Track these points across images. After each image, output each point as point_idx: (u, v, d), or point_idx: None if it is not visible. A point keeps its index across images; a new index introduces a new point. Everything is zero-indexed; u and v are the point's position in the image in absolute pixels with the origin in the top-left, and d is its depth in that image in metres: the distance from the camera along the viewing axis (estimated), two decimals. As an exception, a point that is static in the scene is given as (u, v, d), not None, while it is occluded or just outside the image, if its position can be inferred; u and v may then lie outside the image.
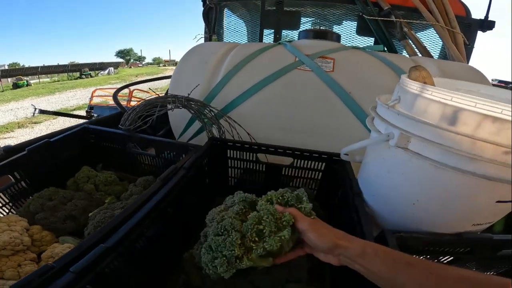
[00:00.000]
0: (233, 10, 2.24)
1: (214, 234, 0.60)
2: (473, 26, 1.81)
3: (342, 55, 1.23)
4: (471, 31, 1.80)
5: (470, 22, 1.81)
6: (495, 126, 0.47)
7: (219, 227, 0.60)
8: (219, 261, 0.56)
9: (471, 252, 0.67)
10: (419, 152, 0.57)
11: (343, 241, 0.52)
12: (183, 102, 1.06)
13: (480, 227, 0.65)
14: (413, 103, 0.58)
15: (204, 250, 0.60)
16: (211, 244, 0.59)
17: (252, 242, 0.58)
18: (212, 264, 0.57)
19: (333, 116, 1.12)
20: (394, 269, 0.46)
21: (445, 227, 0.64)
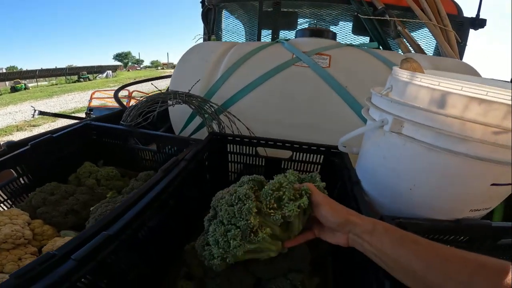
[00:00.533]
0: (231, 11, 2.27)
1: (228, 205, 0.59)
2: (465, 24, 1.84)
3: (338, 52, 1.25)
4: (463, 29, 1.83)
5: (462, 20, 1.84)
6: (481, 107, 0.49)
7: (233, 198, 0.59)
8: (233, 233, 0.55)
9: (470, 240, 0.68)
10: (413, 136, 0.59)
11: (355, 217, 0.53)
12: (184, 98, 1.08)
13: (478, 213, 0.67)
14: (404, 90, 0.61)
15: (215, 226, 0.60)
16: (223, 218, 0.58)
17: (270, 209, 0.56)
18: (224, 239, 0.56)
19: (330, 110, 1.14)
20: (402, 247, 0.46)
21: (443, 213, 0.66)
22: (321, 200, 0.56)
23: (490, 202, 0.65)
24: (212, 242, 0.58)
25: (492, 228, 0.65)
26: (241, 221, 0.55)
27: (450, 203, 0.63)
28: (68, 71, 28.39)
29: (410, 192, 0.66)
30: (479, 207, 0.64)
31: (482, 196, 0.62)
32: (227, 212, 0.58)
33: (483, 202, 0.64)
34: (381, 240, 0.48)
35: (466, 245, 0.70)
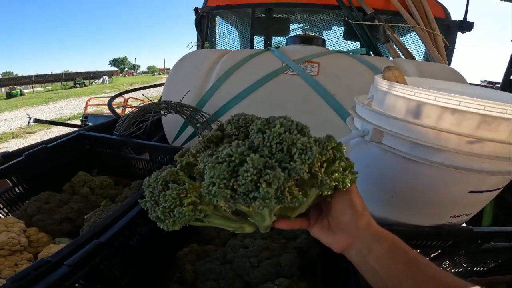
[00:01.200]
0: (225, 18, 2.30)
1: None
2: (453, 27, 1.88)
3: (327, 59, 1.28)
4: (451, 33, 1.87)
5: (449, 24, 1.87)
6: (455, 117, 0.51)
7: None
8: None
9: (454, 245, 0.70)
10: (392, 145, 0.61)
11: (377, 225, 0.46)
12: (176, 108, 1.11)
13: (460, 219, 0.68)
14: (383, 100, 0.63)
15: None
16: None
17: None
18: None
19: (319, 117, 1.17)
20: (414, 272, 0.42)
21: (425, 219, 0.68)
22: (353, 190, 0.46)
23: (470, 209, 0.67)
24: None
25: (474, 233, 0.67)
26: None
27: (430, 210, 0.65)
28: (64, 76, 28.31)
29: (392, 200, 0.68)
30: (459, 213, 0.66)
31: (461, 203, 0.63)
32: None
33: (463, 209, 0.65)
34: (396, 259, 0.43)
35: (450, 249, 0.73)
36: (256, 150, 0.39)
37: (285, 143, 0.38)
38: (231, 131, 0.47)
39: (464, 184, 0.59)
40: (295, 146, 0.38)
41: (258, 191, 0.35)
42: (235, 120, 0.48)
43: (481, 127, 0.51)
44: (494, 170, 0.55)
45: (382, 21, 1.73)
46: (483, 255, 0.80)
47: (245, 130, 0.46)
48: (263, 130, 0.41)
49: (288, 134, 0.39)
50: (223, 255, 0.76)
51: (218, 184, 0.37)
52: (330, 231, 0.47)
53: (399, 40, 1.75)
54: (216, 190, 0.37)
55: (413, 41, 1.95)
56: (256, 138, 0.40)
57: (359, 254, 0.45)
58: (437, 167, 0.56)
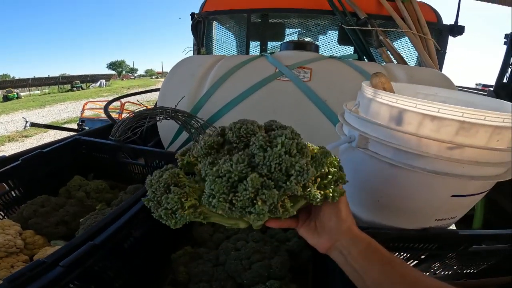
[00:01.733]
0: (221, 23, 2.32)
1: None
2: (444, 31, 1.90)
3: (319, 65, 1.30)
4: (442, 37, 1.89)
5: (441, 28, 1.89)
6: (434, 124, 0.54)
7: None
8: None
9: (441, 247, 0.72)
10: (377, 151, 0.63)
11: (356, 229, 0.49)
12: (171, 114, 1.13)
13: (445, 222, 0.70)
14: (368, 107, 0.65)
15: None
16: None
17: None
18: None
19: (310, 123, 1.19)
20: (389, 270, 0.45)
21: (410, 222, 0.70)
22: (341, 199, 0.49)
23: (455, 212, 0.69)
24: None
25: (460, 236, 0.69)
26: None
27: (415, 213, 0.67)
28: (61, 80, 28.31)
29: (378, 203, 0.70)
30: (444, 217, 0.68)
31: (444, 207, 0.65)
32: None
33: (447, 212, 0.68)
34: (371, 259, 0.46)
35: (437, 252, 0.75)
36: (256, 166, 0.43)
37: (284, 164, 0.41)
38: (231, 138, 0.49)
39: (446, 189, 0.61)
40: (293, 168, 0.42)
41: (254, 207, 0.40)
42: (237, 129, 0.49)
43: (460, 133, 0.53)
44: (475, 174, 0.57)
45: (375, 26, 1.75)
46: (472, 257, 0.82)
47: (246, 140, 0.48)
48: (264, 147, 0.43)
49: (288, 156, 0.42)
50: (215, 257, 0.77)
51: (218, 198, 0.41)
52: (316, 233, 0.51)
53: (391, 45, 1.77)
54: (216, 203, 0.41)
55: (406, 45, 1.96)
56: (258, 156, 0.43)
57: (341, 254, 0.48)
58: (420, 172, 0.58)
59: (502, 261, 0.83)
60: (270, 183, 0.41)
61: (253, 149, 0.44)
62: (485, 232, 0.75)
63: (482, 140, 0.53)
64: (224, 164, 0.43)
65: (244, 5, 2.10)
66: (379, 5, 1.87)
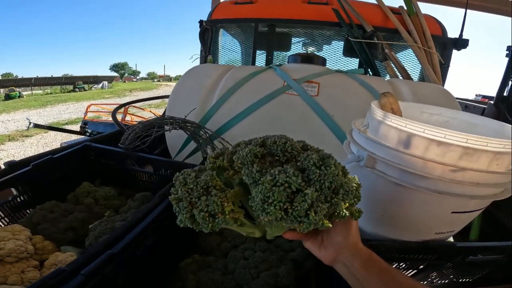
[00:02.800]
0: (228, 32, 2.34)
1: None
2: (448, 45, 1.88)
3: (327, 79, 1.33)
4: (446, 50, 1.88)
5: (445, 41, 1.88)
6: (440, 149, 0.57)
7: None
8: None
9: (439, 258, 0.75)
10: (384, 171, 0.66)
11: (360, 244, 0.53)
12: (180, 124, 1.15)
13: (444, 235, 0.74)
14: (378, 128, 0.68)
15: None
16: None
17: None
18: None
19: (317, 138, 1.18)
20: (387, 280, 0.48)
21: (411, 235, 0.73)
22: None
23: (453, 227, 0.73)
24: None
25: (457, 247, 0.73)
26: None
27: (416, 227, 0.71)
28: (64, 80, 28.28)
29: (382, 218, 0.73)
30: (443, 230, 0.72)
31: (444, 222, 0.69)
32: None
33: (446, 227, 0.71)
34: (371, 270, 0.50)
35: (436, 263, 0.78)
36: (309, 181, 0.47)
37: (335, 183, 0.47)
38: (275, 151, 0.53)
39: (447, 206, 0.65)
40: (342, 188, 0.47)
41: (307, 217, 0.43)
42: (282, 143, 0.53)
43: (463, 158, 0.56)
44: (474, 194, 0.61)
45: (381, 39, 1.75)
46: (468, 267, 0.85)
47: (289, 155, 0.52)
48: (317, 165, 0.47)
49: (339, 177, 0.47)
50: (224, 266, 0.79)
51: (275, 206, 0.43)
52: (322, 246, 0.54)
53: (396, 59, 1.76)
54: (272, 210, 0.43)
55: (409, 58, 1.96)
56: (313, 172, 0.47)
57: (344, 266, 0.52)
58: (423, 192, 0.61)
59: (496, 270, 0.87)
60: (322, 197, 0.45)
61: (306, 165, 0.48)
62: (481, 244, 0.78)
63: (483, 164, 0.57)
64: (280, 174, 0.45)
65: (252, 14, 2.12)
66: (385, 18, 1.88)
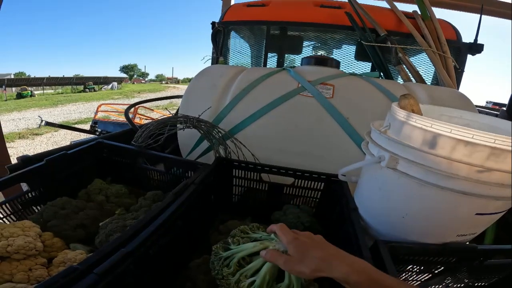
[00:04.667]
0: (240, 34, 2.35)
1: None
2: (463, 49, 1.87)
3: (341, 81, 1.31)
4: (461, 55, 1.86)
5: (460, 46, 1.87)
6: (467, 149, 0.55)
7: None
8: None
9: (459, 261, 0.74)
10: (406, 171, 0.65)
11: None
12: (194, 123, 1.14)
13: (465, 238, 0.72)
14: (400, 129, 0.66)
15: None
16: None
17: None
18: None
19: (332, 140, 1.19)
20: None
21: (433, 237, 0.72)
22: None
23: (476, 229, 0.71)
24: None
25: (477, 251, 0.72)
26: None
27: (438, 229, 0.70)
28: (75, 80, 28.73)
29: (403, 220, 0.72)
30: (466, 232, 0.70)
31: (467, 224, 0.68)
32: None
33: (469, 229, 0.70)
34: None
35: (454, 266, 0.77)
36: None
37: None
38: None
39: (471, 207, 0.63)
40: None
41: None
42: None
43: (490, 159, 0.55)
44: (499, 195, 0.60)
45: (394, 43, 1.73)
46: (485, 271, 0.83)
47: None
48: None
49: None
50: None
51: None
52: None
53: (410, 63, 1.75)
54: None
55: (422, 62, 1.95)
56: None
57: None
58: (448, 192, 0.60)
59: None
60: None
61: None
62: (501, 247, 0.77)
63: (510, 164, 0.55)
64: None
65: (264, 17, 2.12)
66: (399, 22, 1.87)
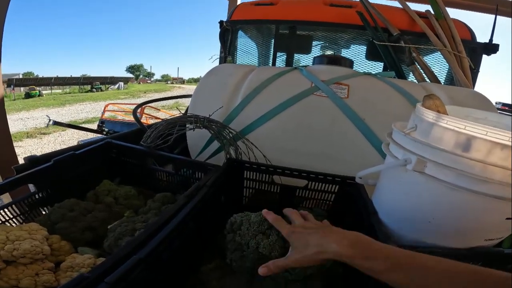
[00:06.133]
0: (248, 33, 2.32)
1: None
2: (478, 49, 1.83)
3: (356, 81, 1.27)
4: (476, 55, 1.82)
5: (475, 46, 1.83)
6: (504, 152, 0.52)
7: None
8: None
9: (485, 266, 0.69)
10: (435, 175, 0.61)
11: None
12: (205, 123, 1.11)
13: (492, 242, 0.70)
14: (429, 131, 0.63)
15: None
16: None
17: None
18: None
19: (347, 141, 1.15)
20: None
21: (460, 242, 0.69)
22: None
23: (504, 233, 0.69)
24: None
25: (505, 254, 0.69)
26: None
27: (466, 234, 0.67)
28: (83, 80, 29.12)
29: (429, 224, 0.68)
30: (494, 237, 0.68)
31: (497, 228, 0.66)
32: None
33: (498, 233, 0.68)
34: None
35: None
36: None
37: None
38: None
39: (502, 212, 0.61)
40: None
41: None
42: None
43: None
44: None
45: (408, 43, 1.70)
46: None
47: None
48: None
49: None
50: (250, 273, 0.74)
51: None
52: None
53: (425, 63, 1.72)
54: None
55: (435, 62, 1.92)
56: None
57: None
58: (480, 196, 0.57)
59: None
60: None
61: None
62: None
63: None
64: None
65: (273, 16, 2.10)
66: (412, 22, 1.84)
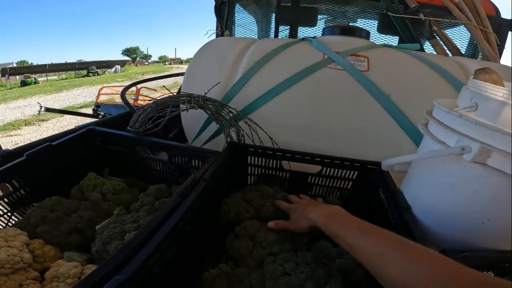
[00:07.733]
0: (246, 6, 2.16)
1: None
2: (504, 26, 1.73)
3: (376, 53, 1.11)
4: (502, 31, 1.71)
5: (501, 22, 1.72)
6: None
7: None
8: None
9: None
10: (501, 169, 0.48)
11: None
12: (199, 102, 0.96)
13: None
14: (498, 112, 0.50)
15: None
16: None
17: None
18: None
19: (369, 121, 1.01)
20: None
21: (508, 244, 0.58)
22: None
23: None
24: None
25: None
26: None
27: None
28: (78, 65, 29.12)
29: (482, 225, 0.56)
30: None
31: None
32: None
33: None
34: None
35: None
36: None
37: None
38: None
39: None
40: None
41: None
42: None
43: None
44: None
45: (428, 16, 1.58)
46: None
47: None
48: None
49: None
50: (259, 281, 0.64)
51: None
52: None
53: (447, 36, 1.59)
54: None
55: (454, 36, 1.80)
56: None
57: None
58: None
59: None
60: None
61: None
62: None
63: None
64: None
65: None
66: (431, -6, 1.71)
